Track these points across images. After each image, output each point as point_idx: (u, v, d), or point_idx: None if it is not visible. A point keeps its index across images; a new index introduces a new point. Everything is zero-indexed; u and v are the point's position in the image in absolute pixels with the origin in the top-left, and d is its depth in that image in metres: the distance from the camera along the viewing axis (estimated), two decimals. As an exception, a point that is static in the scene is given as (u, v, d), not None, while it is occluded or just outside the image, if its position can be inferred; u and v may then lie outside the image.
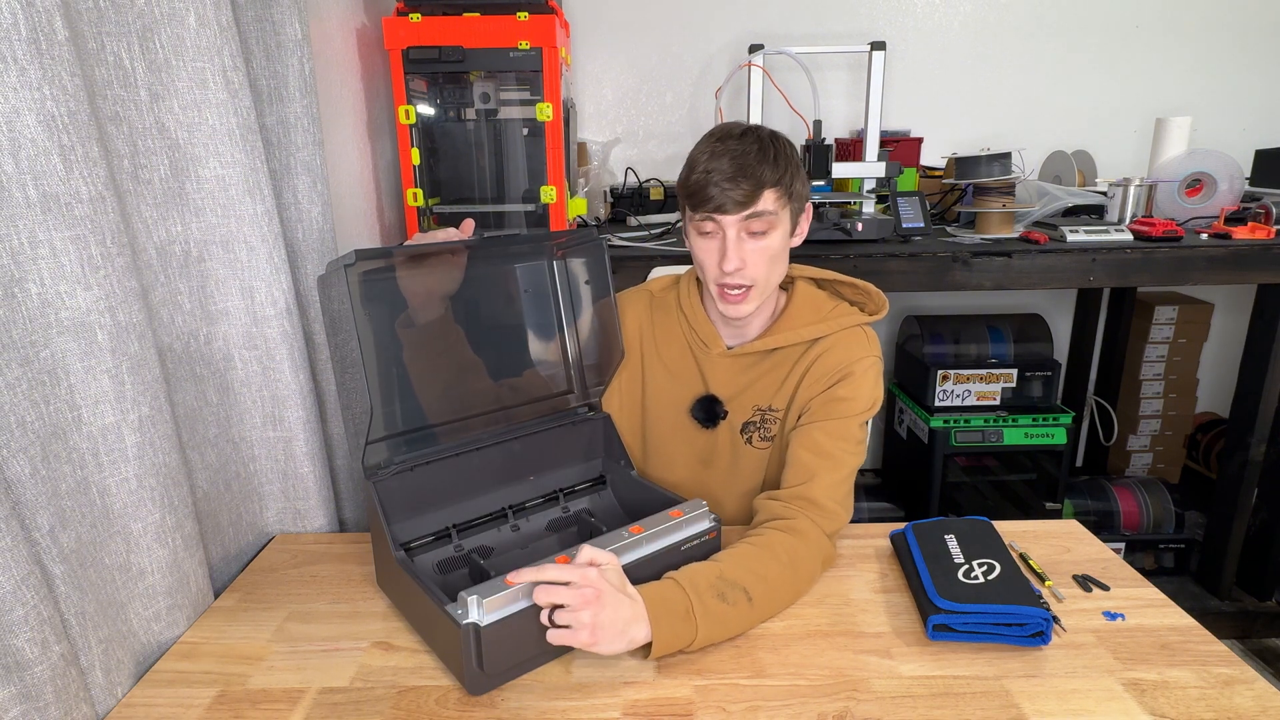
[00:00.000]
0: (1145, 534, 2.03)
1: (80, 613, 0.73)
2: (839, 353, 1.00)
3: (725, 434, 1.06)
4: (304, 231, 1.14)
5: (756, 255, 0.94)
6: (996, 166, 1.68)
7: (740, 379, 1.05)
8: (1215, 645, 0.80)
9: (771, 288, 0.99)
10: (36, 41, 0.68)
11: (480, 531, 0.95)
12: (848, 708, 0.72)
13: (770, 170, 0.90)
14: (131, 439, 0.81)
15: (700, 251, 0.97)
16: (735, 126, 0.94)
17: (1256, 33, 2.16)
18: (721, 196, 0.90)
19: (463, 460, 0.94)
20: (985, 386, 1.99)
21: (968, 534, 0.94)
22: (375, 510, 0.86)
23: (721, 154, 0.90)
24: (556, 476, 1.03)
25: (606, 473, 1.07)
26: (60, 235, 0.72)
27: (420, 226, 1.61)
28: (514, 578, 0.73)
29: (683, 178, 0.95)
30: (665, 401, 1.09)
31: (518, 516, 0.98)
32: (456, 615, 0.71)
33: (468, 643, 0.71)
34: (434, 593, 0.76)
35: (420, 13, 1.49)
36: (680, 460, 1.09)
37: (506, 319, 1.03)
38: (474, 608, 0.71)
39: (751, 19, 2.13)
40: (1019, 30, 2.17)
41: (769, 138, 0.93)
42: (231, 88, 0.94)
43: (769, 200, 0.91)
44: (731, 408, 1.05)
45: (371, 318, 0.87)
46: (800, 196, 0.96)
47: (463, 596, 0.71)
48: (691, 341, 1.07)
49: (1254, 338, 1.71)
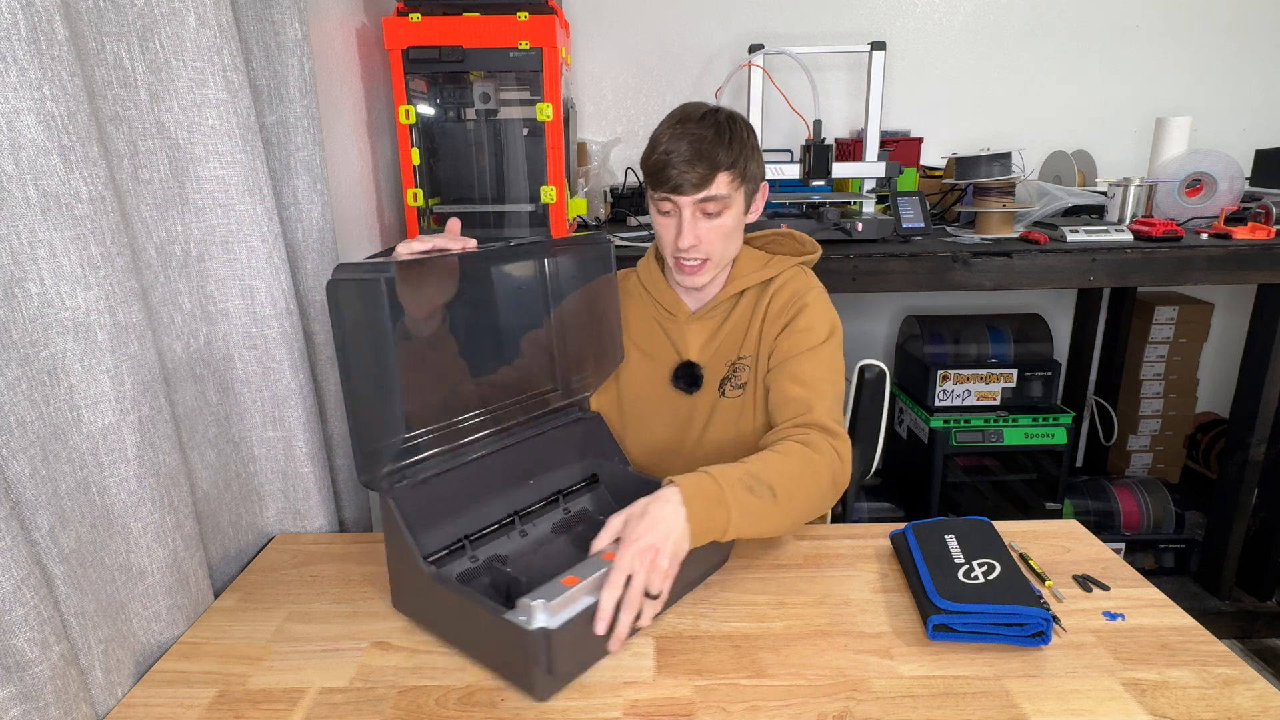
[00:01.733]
0: (1145, 534, 2.03)
1: (80, 613, 0.73)
2: (789, 289, 1.08)
3: (705, 396, 1.11)
4: (304, 231, 1.14)
5: (711, 233, 0.99)
6: (996, 166, 1.68)
7: (710, 340, 1.10)
8: (1215, 645, 0.80)
9: (726, 260, 1.06)
10: (36, 41, 0.68)
11: (492, 540, 0.93)
12: (848, 708, 0.72)
13: (725, 154, 0.95)
14: (131, 439, 0.81)
15: (660, 226, 1.03)
16: (697, 109, 0.98)
17: (1256, 33, 2.16)
18: (679, 178, 0.95)
19: (470, 468, 0.93)
20: (985, 386, 1.99)
21: (968, 534, 0.94)
22: (397, 527, 0.82)
23: (681, 136, 0.95)
24: (554, 479, 1.03)
25: (598, 471, 1.07)
26: (60, 235, 0.72)
27: (420, 226, 1.61)
28: (572, 577, 0.75)
29: (645, 155, 1.00)
30: (643, 379, 1.13)
31: (524, 522, 0.96)
32: (521, 623, 0.71)
33: (537, 648, 0.70)
34: (488, 604, 0.75)
35: (420, 13, 1.49)
36: (660, 429, 1.13)
37: (507, 322, 1.02)
38: (540, 613, 0.71)
39: (751, 19, 2.13)
40: (1019, 30, 2.17)
41: (726, 121, 0.97)
42: (231, 88, 0.94)
43: (723, 183, 0.96)
44: (708, 370, 1.10)
45: (392, 327, 0.85)
46: (754, 178, 1.02)
47: (524, 603, 0.71)
48: (658, 314, 1.12)
49: (1254, 338, 1.71)
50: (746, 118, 1.02)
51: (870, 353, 2.18)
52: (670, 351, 1.12)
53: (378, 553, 1.03)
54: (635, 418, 1.14)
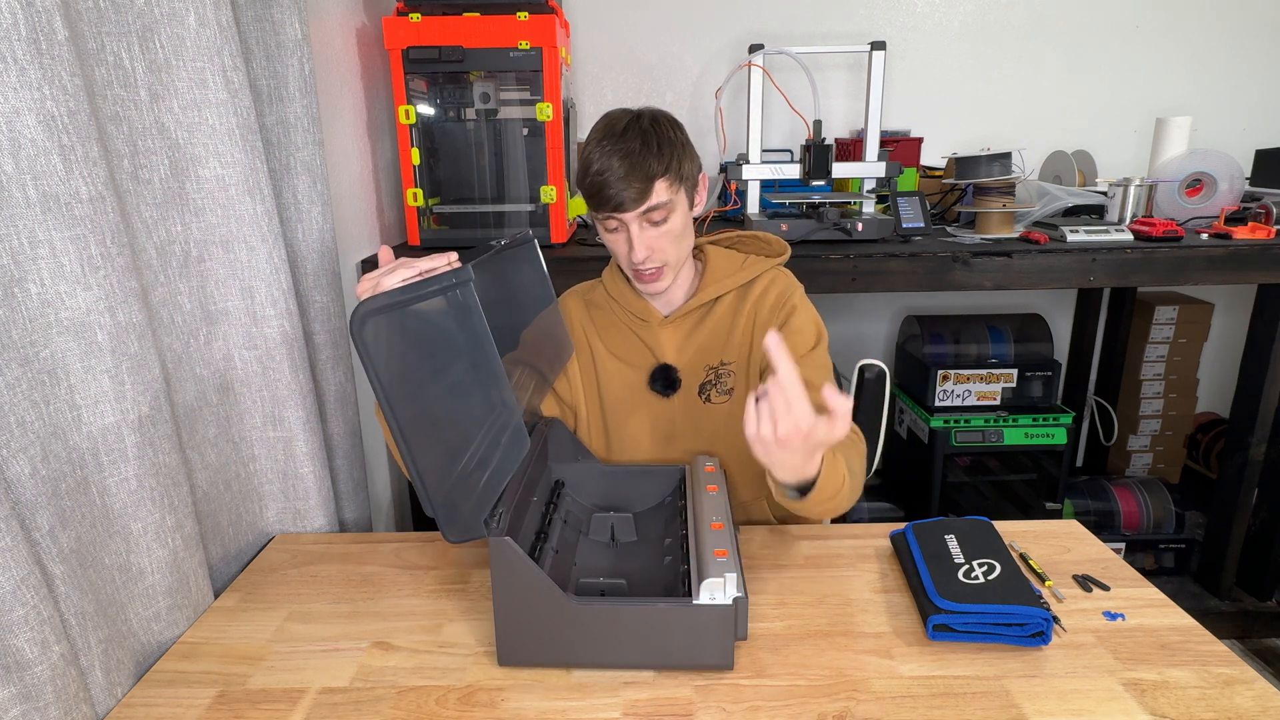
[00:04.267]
0: (1145, 534, 2.03)
1: (80, 613, 0.73)
2: (775, 290, 1.09)
3: (682, 401, 1.10)
4: (304, 231, 1.14)
5: (661, 240, 0.99)
6: (996, 166, 1.67)
7: (686, 344, 1.10)
8: (1215, 645, 0.80)
9: (683, 261, 1.05)
10: (36, 41, 0.68)
11: (539, 561, 0.87)
12: (848, 708, 0.72)
13: (657, 162, 0.94)
14: (131, 439, 0.81)
15: (611, 243, 1.03)
16: (619, 120, 0.97)
17: (1256, 33, 2.16)
18: (618, 196, 0.94)
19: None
20: (985, 386, 1.98)
21: (968, 534, 0.94)
22: (526, 568, 0.75)
23: (610, 153, 0.94)
24: (540, 491, 1.00)
25: (561, 478, 1.06)
26: (60, 235, 0.72)
27: (420, 226, 1.61)
28: (721, 550, 0.78)
29: (579, 178, 0.99)
30: (621, 384, 1.12)
31: (545, 541, 0.93)
32: (715, 601, 0.74)
33: (730, 618, 0.74)
34: (669, 600, 0.76)
35: (420, 13, 1.49)
36: (645, 439, 1.13)
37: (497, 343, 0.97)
38: (729, 586, 0.74)
39: (751, 19, 2.13)
40: (1019, 30, 2.17)
41: (651, 126, 0.97)
42: (231, 88, 0.94)
43: (662, 190, 0.96)
44: (684, 374, 1.10)
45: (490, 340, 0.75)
46: (690, 174, 1.01)
47: (710, 584, 0.74)
48: (630, 322, 1.12)
49: (1254, 338, 1.71)
50: (669, 113, 1.00)
51: (870, 353, 2.18)
52: (647, 356, 1.11)
53: (378, 553, 1.04)
54: (618, 424, 1.13)
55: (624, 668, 0.78)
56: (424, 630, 0.86)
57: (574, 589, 0.88)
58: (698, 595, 0.75)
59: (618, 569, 0.93)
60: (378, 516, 1.51)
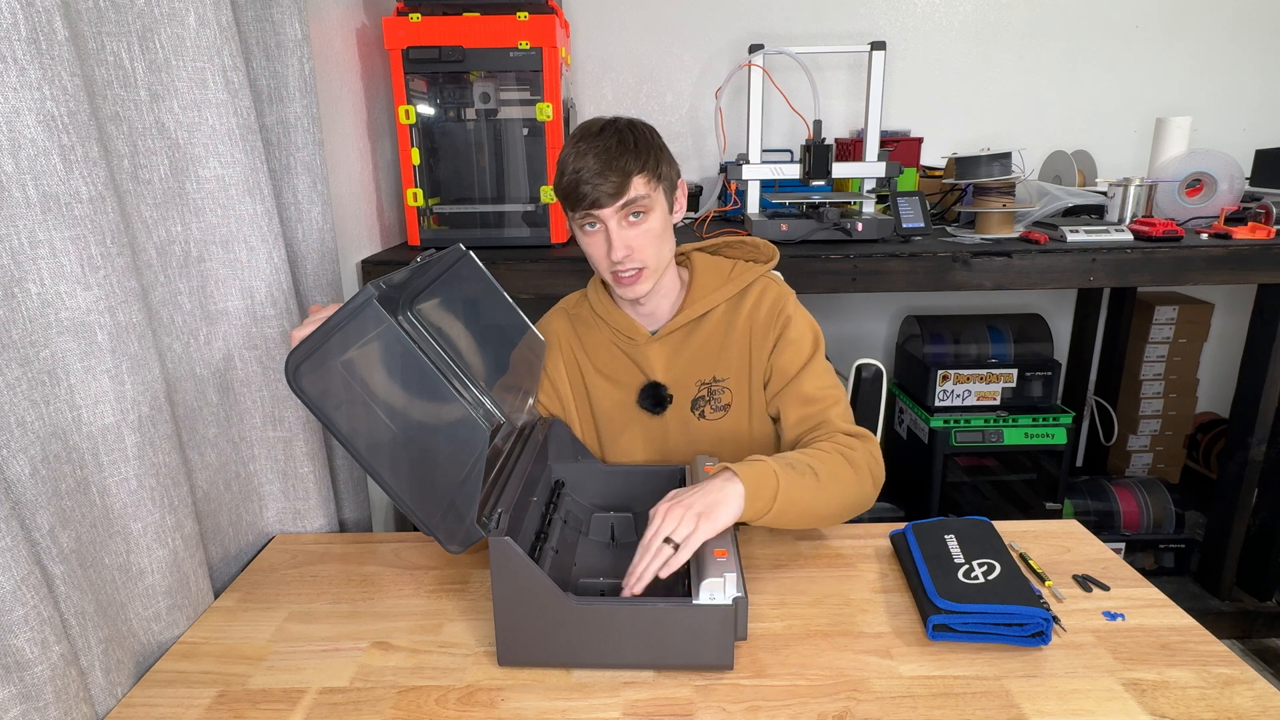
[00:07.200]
0: (1145, 534, 2.03)
1: (80, 613, 0.73)
2: (767, 301, 1.08)
3: (674, 416, 1.10)
4: (304, 231, 1.14)
5: (641, 239, 0.98)
6: (996, 166, 1.67)
7: (675, 360, 1.09)
8: (1215, 645, 0.80)
9: (663, 265, 1.03)
10: (36, 41, 0.68)
11: (539, 561, 0.88)
12: (848, 708, 0.72)
13: (633, 159, 0.95)
14: (131, 439, 0.81)
15: (589, 248, 1.01)
16: (594, 124, 0.98)
17: (1256, 33, 2.16)
18: (594, 192, 0.94)
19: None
20: (985, 386, 1.98)
21: (968, 534, 0.94)
22: (524, 568, 0.75)
23: (585, 152, 0.95)
24: (540, 492, 1.01)
25: (561, 478, 1.06)
26: (60, 235, 0.72)
27: (420, 226, 1.61)
28: (721, 550, 0.80)
29: (556, 183, 0.99)
30: (612, 403, 1.12)
31: (545, 541, 0.93)
32: (715, 601, 0.74)
33: (730, 617, 0.75)
34: (668, 600, 0.76)
35: (420, 13, 1.49)
36: (639, 456, 1.12)
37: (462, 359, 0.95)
38: (729, 586, 0.75)
39: (751, 19, 2.13)
40: (1019, 30, 2.17)
41: (626, 127, 0.98)
42: (231, 88, 0.94)
43: (639, 185, 0.96)
44: (675, 390, 1.09)
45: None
46: (669, 176, 1.02)
47: (709, 583, 0.75)
48: (617, 339, 1.11)
49: (1254, 338, 1.71)
50: (646, 122, 1.01)
51: (870, 353, 2.18)
52: (636, 374, 1.10)
53: (377, 553, 1.04)
54: (610, 440, 1.13)
55: (624, 668, 0.78)
56: (424, 630, 0.86)
57: (574, 589, 0.88)
58: (697, 595, 0.75)
59: (618, 569, 0.92)
60: (377, 516, 1.51)
